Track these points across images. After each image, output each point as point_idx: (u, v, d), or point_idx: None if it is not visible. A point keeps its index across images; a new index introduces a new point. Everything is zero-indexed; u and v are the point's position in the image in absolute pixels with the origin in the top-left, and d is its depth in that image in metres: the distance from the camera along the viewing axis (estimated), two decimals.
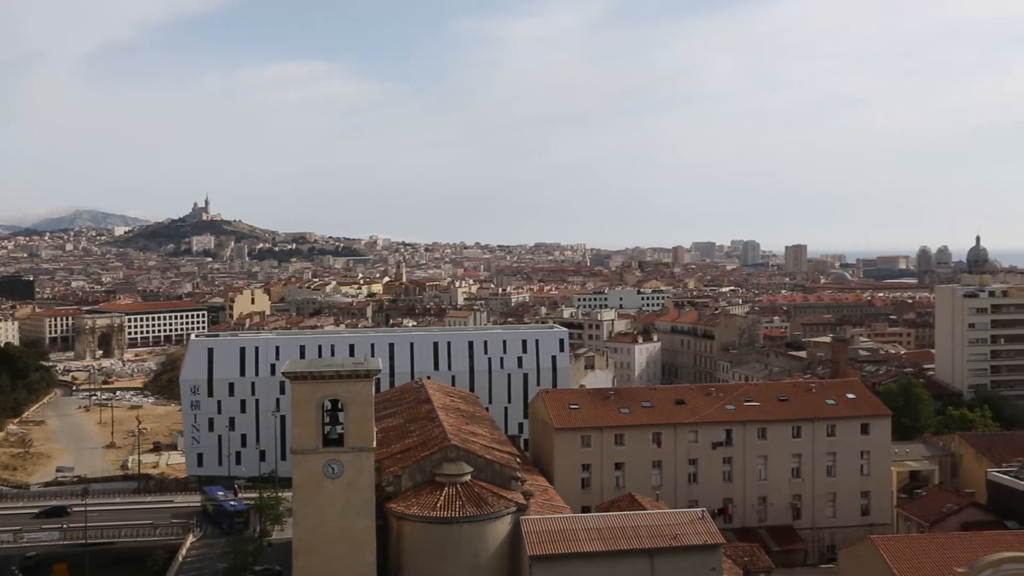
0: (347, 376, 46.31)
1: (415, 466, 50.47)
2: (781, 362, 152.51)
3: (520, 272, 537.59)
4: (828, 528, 78.96)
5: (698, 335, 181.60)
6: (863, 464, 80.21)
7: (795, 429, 79.43)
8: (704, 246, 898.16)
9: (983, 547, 57.76)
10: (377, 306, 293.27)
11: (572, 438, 75.56)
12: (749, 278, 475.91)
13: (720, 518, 72.91)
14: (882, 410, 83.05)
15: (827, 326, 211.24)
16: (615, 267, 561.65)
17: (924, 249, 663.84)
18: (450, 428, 56.07)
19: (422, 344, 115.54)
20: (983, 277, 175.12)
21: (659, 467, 77.12)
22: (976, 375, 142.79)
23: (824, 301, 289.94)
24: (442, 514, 46.89)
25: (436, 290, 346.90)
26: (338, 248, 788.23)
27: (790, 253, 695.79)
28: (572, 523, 48.79)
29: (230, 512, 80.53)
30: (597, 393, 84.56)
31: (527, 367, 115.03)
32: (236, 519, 79.46)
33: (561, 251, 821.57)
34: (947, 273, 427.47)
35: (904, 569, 56.08)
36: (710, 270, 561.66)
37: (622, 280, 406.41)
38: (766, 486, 78.60)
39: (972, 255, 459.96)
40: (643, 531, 47.37)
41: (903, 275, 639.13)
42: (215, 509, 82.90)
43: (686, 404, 79.87)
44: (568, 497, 65.25)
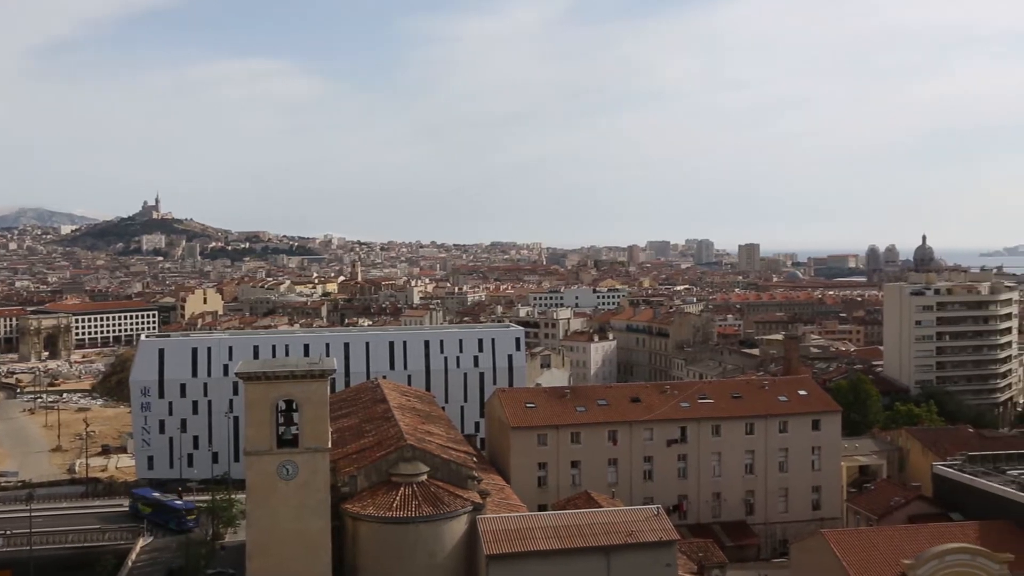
0: (301, 376, 45.89)
1: (371, 466, 50.16)
2: (735, 360, 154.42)
3: (476, 271, 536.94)
4: (780, 523, 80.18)
5: (653, 333, 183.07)
6: (814, 460, 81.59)
7: (748, 426, 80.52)
8: (659, 245, 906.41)
9: (929, 539, 59.16)
10: (332, 305, 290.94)
11: (528, 437, 75.70)
12: (703, 277, 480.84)
13: (675, 514, 73.58)
14: (832, 406, 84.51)
15: (779, 324, 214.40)
16: (571, 266, 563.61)
17: (873, 248, 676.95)
18: (406, 428, 55.81)
19: (378, 343, 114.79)
20: (929, 276, 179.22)
21: (615, 465, 77.62)
22: (922, 371, 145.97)
23: (776, 299, 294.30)
24: (398, 514, 46.67)
25: (392, 289, 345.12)
26: (292, 247, 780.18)
27: (743, 252, 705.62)
28: (528, 522, 48.88)
29: (178, 509, 79.01)
30: (553, 392, 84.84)
31: (483, 366, 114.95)
32: (187, 516, 78.11)
33: (517, 250, 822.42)
34: (895, 272, 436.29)
35: (853, 562, 57.19)
36: (665, 269, 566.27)
37: (578, 279, 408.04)
38: (720, 482, 79.56)
39: (919, 254, 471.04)
40: (599, 529, 47.64)
41: (853, 273, 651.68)
42: (158, 508, 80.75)
43: (641, 402, 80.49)
44: (524, 496, 65.41)
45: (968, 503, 67.11)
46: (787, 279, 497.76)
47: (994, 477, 67.30)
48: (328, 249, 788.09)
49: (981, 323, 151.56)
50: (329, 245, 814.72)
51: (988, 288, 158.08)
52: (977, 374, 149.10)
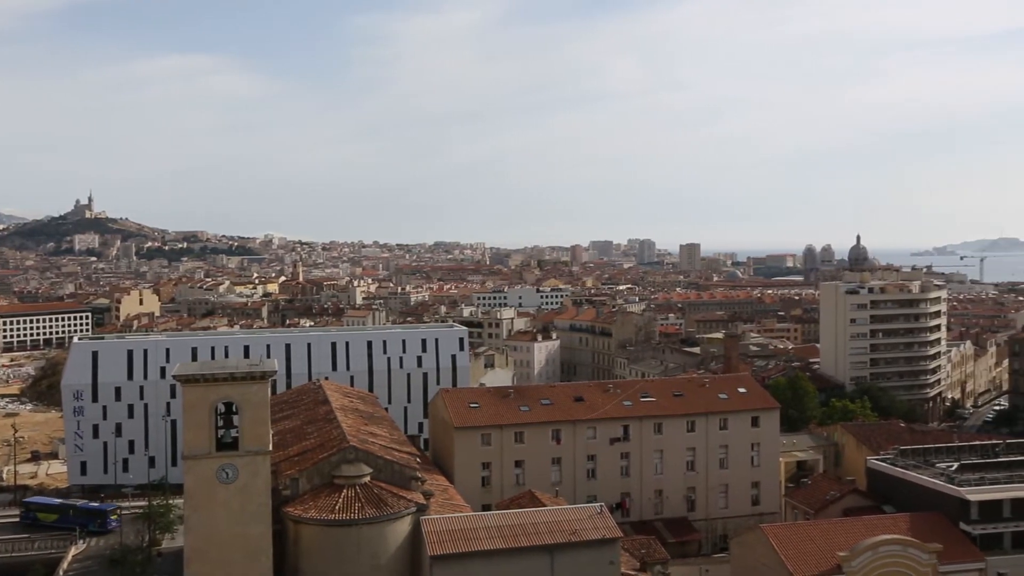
0: (241, 378, 45.14)
1: (313, 468, 49.58)
2: (676, 358, 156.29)
3: (420, 271, 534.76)
4: (721, 519, 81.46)
5: (596, 333, 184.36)
6: (753, 456, 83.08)
7: (689, 423, 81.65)
8: (602, 245, 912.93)
9: (863, 531, 60.76)
10: (273, 306, 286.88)
11: (472, 437, 75.63)
12: (645, 276, 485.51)
13: (618, 512, 74.26)
14: (771, 403, 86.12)
15: (719, 323, 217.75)
16: (514, 266, 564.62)
17: (810, 248, 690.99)
18: (349, 429, 55.28)
19: (319, 344, 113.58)
20: (863, 275, 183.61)
21: (558, 464, 78.00)
22: (857, 368, 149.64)
23: (717, 298, 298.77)
24: (341, 516, 46.20)
25: (334, 289, 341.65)
26: (232, 247, 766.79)
27: (684, 252, 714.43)
28: (472, 522, 48.80)
29: (103, 510, 76.95)
30: (497, 391, 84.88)
31: (427, 366, 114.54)
32: (110, 516, 76.23)
33: (461, 250, 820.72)
34: (831, 271, 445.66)
35: (791, 555, 58.42)
36: (608, 268, 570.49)
37: (521, 279, 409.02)
38: (662, 480, 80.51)
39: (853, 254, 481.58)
40: (543, 527, 47.79)
41: (790, 273, 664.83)
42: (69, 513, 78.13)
43: (584, 401, 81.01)
44: (468, 496, 65.34)
45: (900, 496, 69.07)
46: (727, 278, 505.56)
47: (924, 470, 69.36)
48: (269, 249, 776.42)
49: (912, 321, 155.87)
50: (270, 245, 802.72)
51: (919, 287, 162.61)
52: (908, 370, 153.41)
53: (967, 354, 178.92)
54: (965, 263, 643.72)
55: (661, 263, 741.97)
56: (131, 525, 76.18)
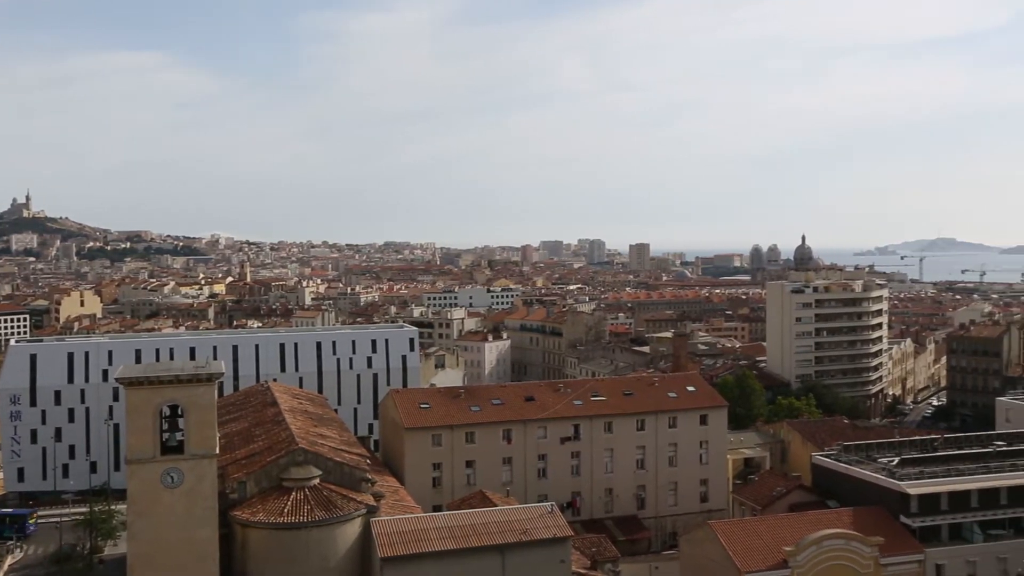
0: (187, 380, 44.38)
1: (261, 471, 48.92)
2: (626, 357, 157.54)
3: (369, 271, 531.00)
4: (670, 516, 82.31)
5: (546, 332, 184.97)
6: (702, 453, 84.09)
7: (639, 422, 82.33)
8: (552, 245, 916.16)
9: (808, 526, 61.95)
10: (220, 307, 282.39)
11: (423, 437, 75.34)
12: (595, 276, 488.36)
13: (568, 511, 74.51)
14: (719, 401, 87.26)
15: (668, 322, 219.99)
16: (465, 266, 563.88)
17: (756, 248, 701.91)
18: (297, 431, 54.66)
19: (267, 345, 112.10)
20: (808, 274, 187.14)
21: (509, 463, 78.06)
22: (802, 366, 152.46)
23: (666, 298, 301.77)
24: (289, 519, 45.66)
25: (282, 290, 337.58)
26: (177, 247, 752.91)
27: (634, 251, 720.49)
28: (423, 523, 48.63)
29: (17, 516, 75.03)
30: (447, 392, 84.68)
31: (377, 367, 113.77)
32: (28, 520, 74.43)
33: (411, 250, 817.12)
34: (777, 271, 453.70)
35: (738, 551, 59.32)
36: (558, 268, 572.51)
37: (472, 279, 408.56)
38: (612, 478, 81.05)
39: (798, 253, 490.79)
40: (494, 527, 47.80)
41: (738, 272, 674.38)
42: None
43: (535, 401, 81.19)
44: (419, 497, 65.12)
45: (844, 490, 70.50)
46: (676, 278, 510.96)
47: (866, 465, 70.92)
48: (215, 249, 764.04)
49: (855, 319, 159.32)
50: (216, 245, 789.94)
51: (861, 286, 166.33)
52: (852, 368, 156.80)
53: (907, 352, 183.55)
54: (905, 263, 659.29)
55: (611, 263, 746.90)
56: (72, 532, 74.39)
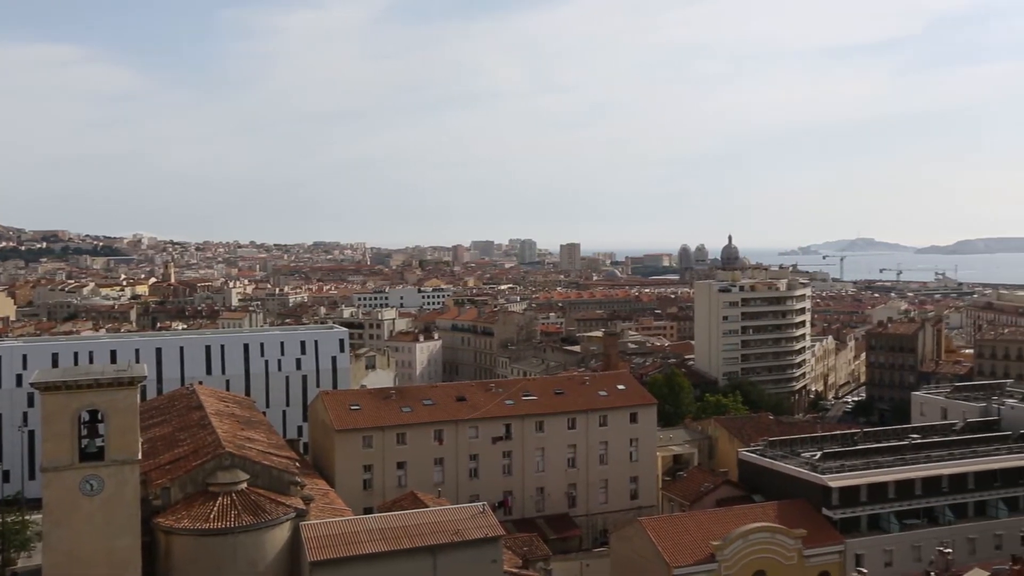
0: (107, 384, 42.97)
1: (186, 477, 47.74)
2: (557, 357, 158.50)
3: (298, 271, 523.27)
4: (601, 513, 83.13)
5: (478, 332, 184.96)
6: (632, 451, 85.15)
7: (570, 421, 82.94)
8: (483, 245, 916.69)
9: (735, 520, 63.27)
10: (143, 309, 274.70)
11: (353, 439, 74.65)
12: (526, 276, 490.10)
13: (500, 511, 74.72)
14: (649, 399, 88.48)
15: (599, 321, 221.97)
16: (396, 266, 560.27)
17: (684, 247, 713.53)
18: (224, 435, 53.51)
19: (193, 348, 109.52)
20: (734, 274, 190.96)
21: (441, 464, 77.86)
22: (729, 363, 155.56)
23: (596, 297, 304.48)
24: (216, 525, 44.65)
25: (208, 291, 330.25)
26: (97, 247, 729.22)
27: (565, 251, 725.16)
28: (353, 525, 48.11)
29: None
30: (378, 393, 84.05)
31: (306, 368, 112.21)
32: None
33: (341, 250, 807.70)
34: (704, 270, 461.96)
35: (667, 546, 60.23)
36: (489, 268, 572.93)
37: (403, 279, 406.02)
38: (544, 477, 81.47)
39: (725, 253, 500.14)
40: (425, 528, 47.55)
41: (666, 272, 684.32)
42: None
43: (467, 401, 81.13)
44: (350, 499, 64.47)
45: (769, 485, 72.17)
46: (606, 277, 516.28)
47: (790, 460, 72.74)
48: (137, 249, 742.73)
49: (780, 318, 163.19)
50: (139, 245, 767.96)
51: (785, 285, 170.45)
52: (776, 365, 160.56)
53: (829, 348, 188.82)
54: (827, 262, 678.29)
55: (542, 263, 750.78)
56: None
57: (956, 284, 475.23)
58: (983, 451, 75.06)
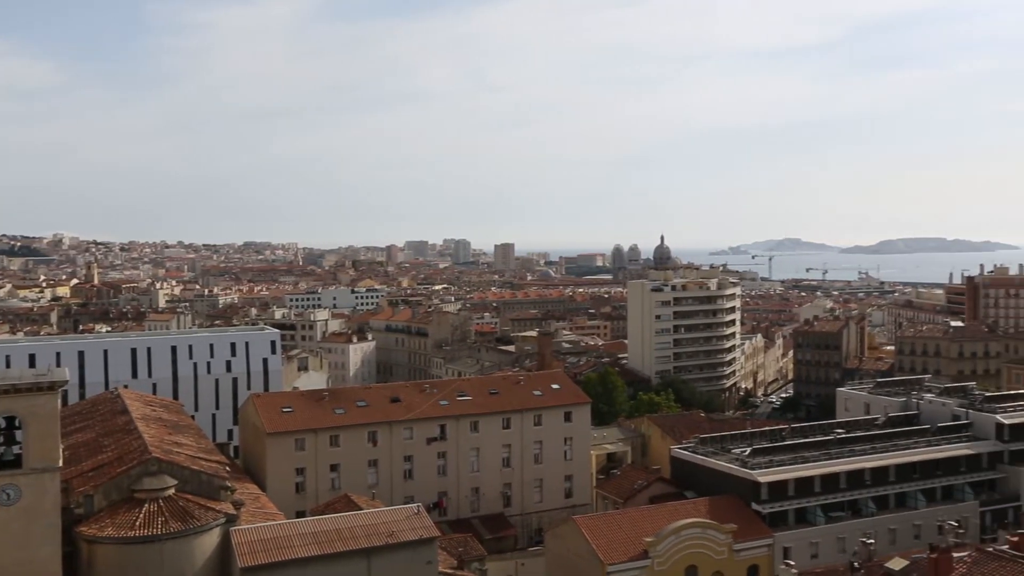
0: (25, 389, 41.45)
1: (110, 483, 46.36)
2: (492, 357, 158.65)
3: (228, 272, 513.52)
4: (536, 512, 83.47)
5: (412, 333, 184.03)
6: (566, 450, 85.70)
7: (505, 420, 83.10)
8: (417, 245, 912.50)
9: (667, 517, 64.14)
10: (64, 311, 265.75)
11: (285, 442, 73.58)
12: (461, 276, 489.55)
13: (435, 512, 74.49)
14: (583, 399, 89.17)
15: (533, 321, 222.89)
16: (329, 266, 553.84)
17: (618, 247, 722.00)
18: (151, 440, 52.14)
19: (117, 351, 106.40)
20: (666, 273, 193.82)
21: (375, 466, 77.28)
22: (661, 362, 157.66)
23: (531, 297, 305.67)
24: (141, 533, 43.48)
25: (134, 292, 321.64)
26: (14, 247, 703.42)
27: (499, 251, 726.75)
28: (285, 529, 47.39)
29: None
30: (311, 395, 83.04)
31: (236, 371, 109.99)
32: None
33: (272, 250, 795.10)
34: (637, 270, 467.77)
35: (602, 544, 60.77)
36: (423, 268, 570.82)
37: (336, 279, 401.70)
38: (479, 477, 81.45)
39: (657, 253, 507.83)
40: (359, 531, 47.09)
41: (600, 271, 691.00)
42: None
43: (401, 401, 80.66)
44: (282, 503, 63.54)
45: (700, 481, 73.38)
46: (540, 277, 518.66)
47: (721, 456, 74.10)
48: (58, 250, 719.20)
49: (710, 316, 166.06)
50: (59, 245, 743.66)
51: (716, 284, 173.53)
52: (707, 363, 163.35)
53: (758, 346, 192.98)
54: (756, 262, 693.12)
55: (476, 263, 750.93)
56: None
57: (878, 283, 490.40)
58: (903, 444, 77.60)
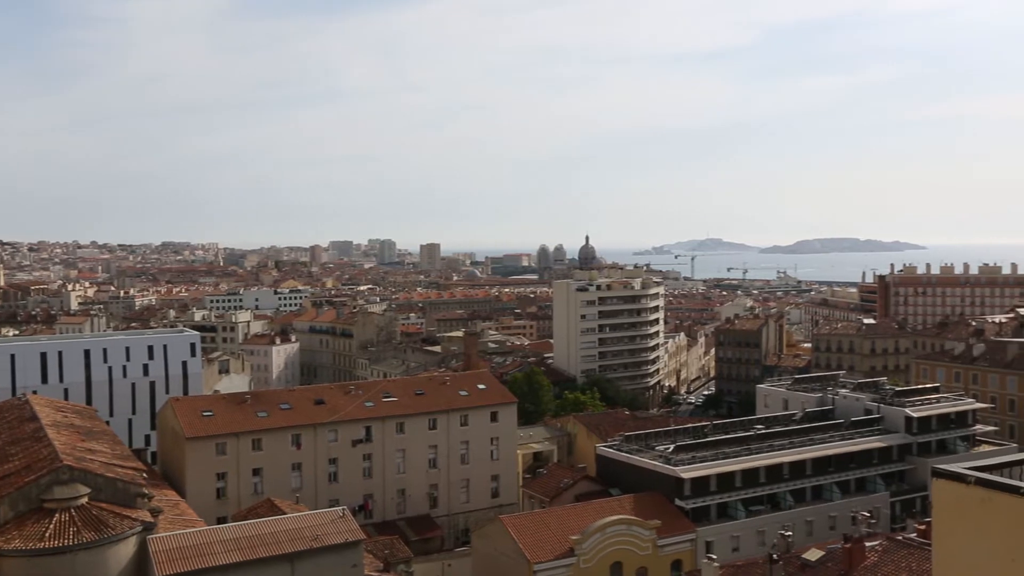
0: None
1: (17, 493, 44.50)
2: (418, 357, 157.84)
3: (145, 273, 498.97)
4: (463, 513, 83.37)
5: (337, 334, 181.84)
6: (493, 450, 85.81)
7: (431, 421, 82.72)
8: (342, 245, 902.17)
9: (593, 514, 64.75)
10: None
11: (206, 447, 71.89)
12: (386, 276, 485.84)
13: (361, 514, 73.79)
14: (509, 398, 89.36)
15: (459, 321, 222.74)
16: (251, 267, 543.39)
17: (543, 247, 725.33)
18: (62, 447, 50.24)
19: (26, 355, 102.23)
20: (592, 273, 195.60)
21: (299, 469, 76.10)
22: (587, 361, 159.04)
23: (457, 297, 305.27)
24: (52, 544, 41.84)
25: (44, 294, 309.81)
26: None
27: (425, 251, 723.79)
28: (206, 536, 46.24)
29: None
30: (233, 398, 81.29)
31: (154, 375, 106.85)
32: None
33: (192, 250, 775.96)
34: (562, 270, 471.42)
35: (528, 543, 61.01)
36: (348, 269, 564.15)
37: (258, 280, 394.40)
38: (405, 478, 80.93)
39: (582, 253, 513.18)
40: (283, 536, 46.27)
41: (526, 271, 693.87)
42: None
43: (326, 404, 79.60)
44: (203, 509, 62.11)
45: (625, 479, 74.31)
46: (466, 278, 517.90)
47: (645, 453, 75.16)
48: None
49: (635, 316, 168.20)
50: None
51: (640, 284, 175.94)
52: (632, 361, 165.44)
53: (681, 345, 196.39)
54: (679, 261, 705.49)
55: (402, 263, 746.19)
56: None
57: (796, 282, 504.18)
58: (819, 439, 79.98)
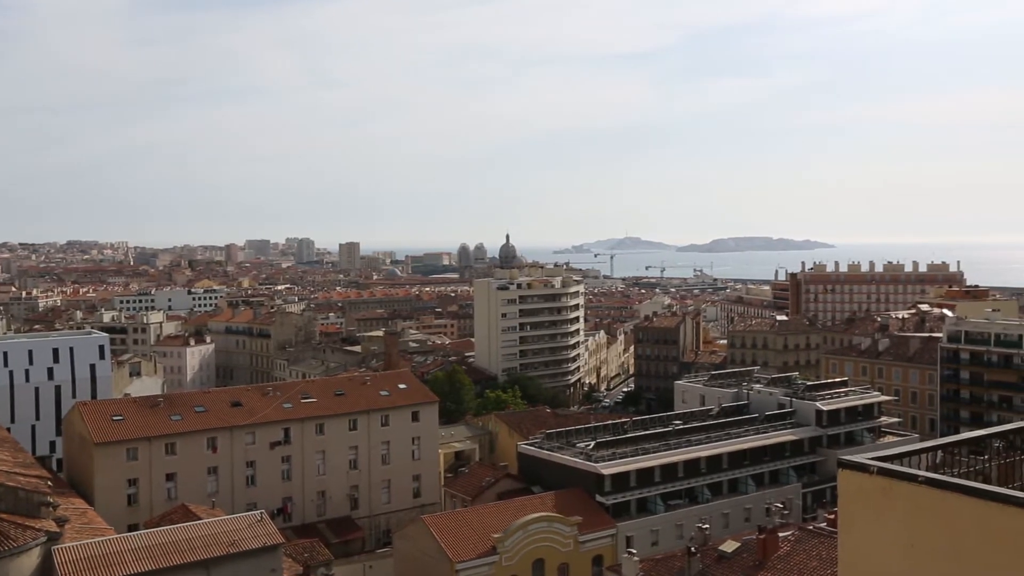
0: None
1: None
2: (337, 357, 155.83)
3: (49, 273, 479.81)
4: (384, 514, 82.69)
5: (254, 334, 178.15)
6: (414, 450, 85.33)
7: (351, 422, 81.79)
8: (258, 244, 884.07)
9: (515, 512, 65.02)
10: None
11: (116, 452, 69.58)
12: (304, 276, 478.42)
13: (280, 518, 72.47)
14: (430, 398, 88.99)
15: (380, 320, 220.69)
16: (163, 266, 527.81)
17: (464, 246, 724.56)
18: None
19: None
20: (512, 272, 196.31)
21: (215, 473, 74.35)
22: (508, 359, 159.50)
23: (377, 296, 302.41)
24: None
25: None
26: None
27: (344, 250, 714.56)
28: (116, 545, 44.70)
29: None
30: (144, 401, 78.84)
31: (60, 378, 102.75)
32: None
33: (100, 249, 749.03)
34: (483, 268, 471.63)
35: (450, 542, 60.91)
36: (265, 268, 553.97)
37: (171, 280, 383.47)
38: (325, 480, 79.80)
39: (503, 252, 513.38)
40: (198, 542, 45.08)
41: (447, 270, 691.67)
42: None
43: (242, 406, 77.92)
44: (112, 517, 60.07)
45: (547, 476, 74.79)
46: (386, 277, 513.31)
47: (566, 450, 75.77)
48: None
49: (555, 314, 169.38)
50: None
51: (560, 283, 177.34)
52: (553, 359, 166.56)
53: (601, 342, 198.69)
54: (598, 260, 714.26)
55: (321, 262, 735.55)
56: None
57: (712, 280, 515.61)
58: (735, 433, 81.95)
